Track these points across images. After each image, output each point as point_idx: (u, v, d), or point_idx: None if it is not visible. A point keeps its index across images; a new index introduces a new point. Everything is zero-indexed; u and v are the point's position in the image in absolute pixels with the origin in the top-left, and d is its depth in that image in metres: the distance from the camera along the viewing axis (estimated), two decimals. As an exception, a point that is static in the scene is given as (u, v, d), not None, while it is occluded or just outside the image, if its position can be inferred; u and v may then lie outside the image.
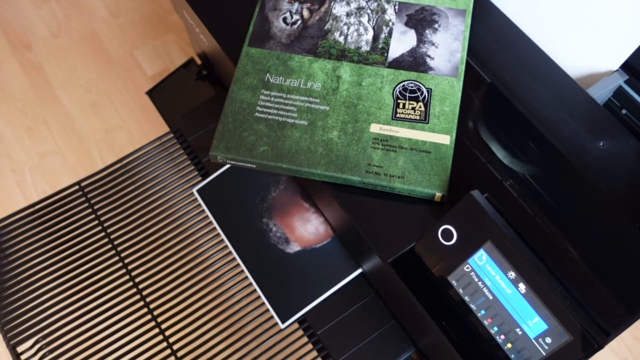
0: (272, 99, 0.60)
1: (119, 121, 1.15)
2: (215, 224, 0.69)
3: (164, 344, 0.67)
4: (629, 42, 0.58)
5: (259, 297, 0.66)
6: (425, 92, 0.59)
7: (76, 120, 1.16)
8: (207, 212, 0.70)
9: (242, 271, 0.68)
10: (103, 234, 0.73)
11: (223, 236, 0.68)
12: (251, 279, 0.66)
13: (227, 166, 0.70)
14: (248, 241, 0.68)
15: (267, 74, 0.61)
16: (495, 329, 0.50)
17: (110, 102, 1.17)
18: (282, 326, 0.64)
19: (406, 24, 0.63)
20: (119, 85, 1.19)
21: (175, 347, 0.67)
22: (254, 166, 0.58)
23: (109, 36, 1.24)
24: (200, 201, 0.70)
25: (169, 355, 0.67)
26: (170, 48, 1.22)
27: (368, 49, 0.61)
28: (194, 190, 0.71)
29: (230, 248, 0.68)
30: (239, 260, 0.67)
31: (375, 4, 0.64)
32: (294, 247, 0.66)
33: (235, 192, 0.70)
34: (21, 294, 0.70)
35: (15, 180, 1.11)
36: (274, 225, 0.68)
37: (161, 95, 0.90)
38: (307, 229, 0.67)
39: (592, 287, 0.50)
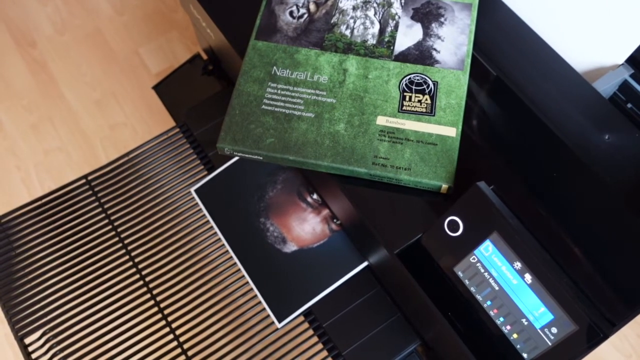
0: (279, 91, 0.60)
1: (124, 118, 1.15)
2: (212, 224, 0.69)
3: (171, 336, 0.68)
4: (634, 35, 0.59)
5: (256, 296, 0.66)
6: (431, 85, 0.59)
7: (81, 117, 1.16)
8: (205, 212, 0.70)
9: (239, 270, 0.68)
10: (110, 227, 0.74)
11: (220, 235, 0.69)
12: (248, 279, 0.66)
13: (225, 166, 0.70)
14: (245, 241, 0.68)
15: (274, 67, 0.61)
16: (502, 319, 0.50)
17: (114, 100, 1.17)
18: (279, 325, 0.64)
19: (412, 18, 0.63)
20: (124, 83, 1.19)
21: (181, 339, 0.68)
22: (261, 158, 0.58)
23: (113, 34, 1.25)
24: (198, 201, 0.70)
25: (175, 347, 0.67)
26: (174, 46, 1.22)
27: (374, 42, 0.62)
28: (192, 190, 0.71)
29: (228, 247, 0.68)
30: (236, 260, 0.67)
31: (381, -2, 0.64)
32: (290, 247, 0.67)
33: (232, 191, 0.70)
34: (29, 286, 0.70)
35: (20, 177, 1.11)
36: (271, 225, 0.68)
37: (167, 90, 0.90)
38: (304, 228, 0.67)
39: (597, 278, 0.50)
